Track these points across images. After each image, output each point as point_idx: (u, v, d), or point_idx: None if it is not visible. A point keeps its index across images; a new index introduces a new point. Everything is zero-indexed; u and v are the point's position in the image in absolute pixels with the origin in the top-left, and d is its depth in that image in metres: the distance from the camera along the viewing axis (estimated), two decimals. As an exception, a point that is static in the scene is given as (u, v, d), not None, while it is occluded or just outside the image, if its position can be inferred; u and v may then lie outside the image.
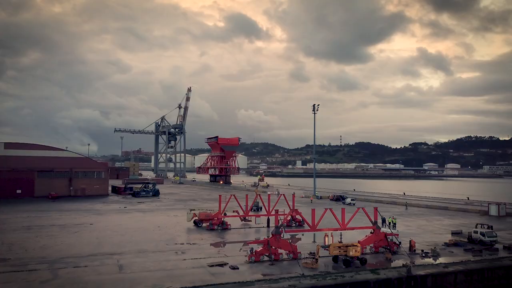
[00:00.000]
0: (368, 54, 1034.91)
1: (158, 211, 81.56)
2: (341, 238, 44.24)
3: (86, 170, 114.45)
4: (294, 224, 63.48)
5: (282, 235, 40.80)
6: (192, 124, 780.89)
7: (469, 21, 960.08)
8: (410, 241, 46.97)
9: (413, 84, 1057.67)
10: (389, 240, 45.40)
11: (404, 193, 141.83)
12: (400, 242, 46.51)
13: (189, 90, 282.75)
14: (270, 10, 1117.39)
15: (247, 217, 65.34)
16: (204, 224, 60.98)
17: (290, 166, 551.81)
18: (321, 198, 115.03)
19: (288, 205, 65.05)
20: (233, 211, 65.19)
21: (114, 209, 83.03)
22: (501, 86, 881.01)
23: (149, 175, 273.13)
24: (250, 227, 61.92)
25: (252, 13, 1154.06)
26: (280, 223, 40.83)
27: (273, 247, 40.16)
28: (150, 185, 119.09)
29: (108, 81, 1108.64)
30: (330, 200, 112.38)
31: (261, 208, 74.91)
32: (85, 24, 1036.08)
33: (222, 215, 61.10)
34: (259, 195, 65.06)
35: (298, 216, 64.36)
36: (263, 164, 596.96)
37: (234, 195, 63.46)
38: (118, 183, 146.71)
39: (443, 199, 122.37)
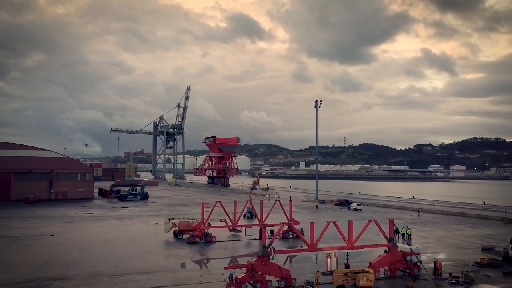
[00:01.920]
0: (371, 54, 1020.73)
1: (139, 217, 72.26)
2: (347, 259, 34.90)
3: (69, 171, 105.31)
4: (291, 236, 54.21)
5: (271, 257, 31.40)
6: (194, 125, 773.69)
7: (474, 21, 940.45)
8: (434, 262, 37.39)
9: (417, 85, 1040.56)
10: (408, 260, 35.97)
11: (413, 197, 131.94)
12: (421, 262, 37.12)
13: (189, 89, 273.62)
14: (273, 10, 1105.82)
15: (236, 227, 55.83)
16: (184, 236, 51.72)
17: (293, 168, 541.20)
18: (324, 202, 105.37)
19: (285, 213, 55.59)
20: (220, 220, 55.77)
21: (90, 216, 73.80)
22: (506, 87, 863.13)
23: (147, 176, 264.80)
24: (239, 240, 52.51)
25: (255, 13, 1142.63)
26: (269, 241, 31.45)
27: (259, 273, 30.80)
28: (139, 188, 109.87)
29: (111, 82, 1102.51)
30: (334, 204, 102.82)
31: (253, 215, 65.73)
32: (88, 25, 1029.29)
33: (206, 225, 51.73)
34: (250, 201, 55.27)
35: (296, 226, 55.27)
36: (266, 165, 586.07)
37: (220, 202, 53.84)
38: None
39: (457, 203, 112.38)
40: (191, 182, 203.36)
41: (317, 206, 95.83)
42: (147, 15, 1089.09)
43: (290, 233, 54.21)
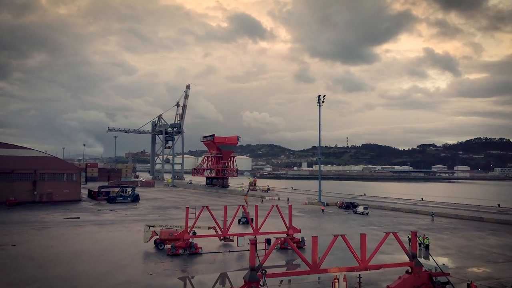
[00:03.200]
0: (374, 54, 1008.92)
1: (122, 223, 65.13)
2: (359, 283, 27.70)
3: (54, 171, 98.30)
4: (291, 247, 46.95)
5: (261, 283, 24.22)
6: (197, 125, 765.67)
7: (477, 20, 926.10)
8: (468, 284, 30.10)
9: (419, 85, 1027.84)
10: (435, 283, 28.70)
11: (422, 199, 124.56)
12: (451, 283, 29.86)
13: (188, 87, 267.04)
14: (274, 10, 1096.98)
15: (227, 236, 48.44)
16: (167, 246, 44.55)
17: (295, 168, 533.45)
18: (327, 205, 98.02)
19: (283, 220, 48.32)
20: (209, 228, 48.61)
21: (67, 221, 66.71)
22: (510, 87, 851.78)
23: (146, 176, 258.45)
24: (229, 251, 45.15)
25: (256, 14, 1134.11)
26: (258, 262, 24.34)
27: (246, 304, 23.63)
28: (129, 190, 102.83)
29: (113, 83, 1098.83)
30: (338, 207, 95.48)
31: (252, 220, 57.99)
32: (90, 25, 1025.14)
33: (190, 234, 44.47)
34: (244, 205, 47.79)
35: (297, 235, 48.20)
36: (268, 166, 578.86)
37: (207, 207, 46.66)
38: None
39: (470, 206, 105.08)
40: (189, 183, 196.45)
41: (323, 210, 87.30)
42: (149, 15, 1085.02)
43: (290, 242, 47.00)
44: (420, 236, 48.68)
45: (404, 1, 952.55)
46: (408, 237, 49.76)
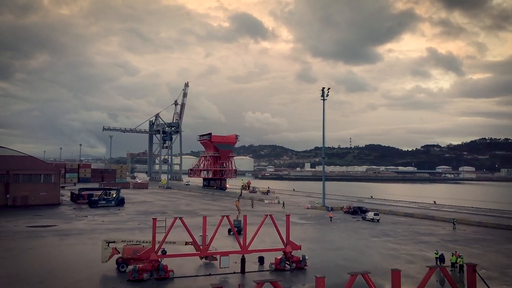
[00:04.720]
0: (377, 54, 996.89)
1: (92, 233, 55.32)
2: None
3: (30, 172, 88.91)
4: (289, 267, 37.19)
5: None
6: (199, 126, 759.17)
7: (481, 19, 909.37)
8: None
9: (422, 85, 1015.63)
10: None
11: (434, 202, 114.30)
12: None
13: (187, 85, 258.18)
14: (276, 10, 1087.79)
15: (209, 255, 38.61)
16: (130, 267, 34.81)
17: (298, 169, 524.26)
18: (332, 209, 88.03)
19: (279, 233, 38.52)
20: (186, 243, 38.85)
21: (28, 231, 57.10)
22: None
23: (143, 177, 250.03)
24: (210, 275, 35.25)
25: (258, 14, 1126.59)
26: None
27: None
28: (113, 192, 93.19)
29: (115, 83, 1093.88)
30: (345, 212, 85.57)
31: (241, 231, 47.76)
32: (92, 26, 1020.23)
33: (160, 253, 34.78)
34: (227, 216, 37.56)
35: (295, 253, 38.50)
36: (271, 166, 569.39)
37: (181, 218, 36.58)
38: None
39: (491, 210, 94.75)
40: (186, 184, 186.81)
41: (331, 218, 75.03)
42: (150, 16, 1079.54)
43: (287, 262, 37.26)
44: (452, 254, 38.78)
45: (407, 0, 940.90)
46: (435, 254, 40.04)
